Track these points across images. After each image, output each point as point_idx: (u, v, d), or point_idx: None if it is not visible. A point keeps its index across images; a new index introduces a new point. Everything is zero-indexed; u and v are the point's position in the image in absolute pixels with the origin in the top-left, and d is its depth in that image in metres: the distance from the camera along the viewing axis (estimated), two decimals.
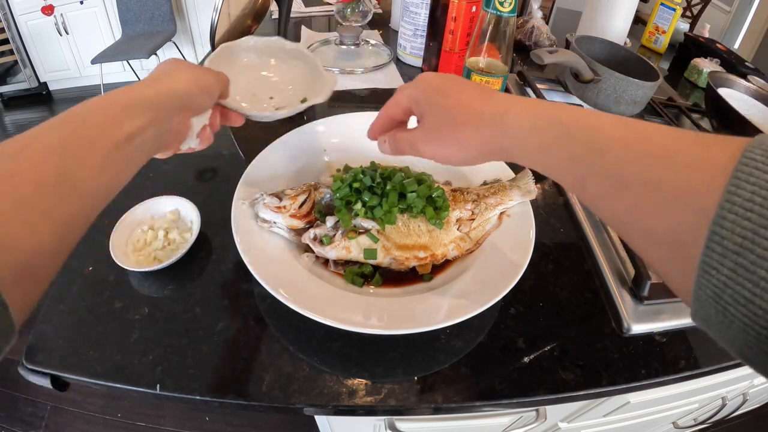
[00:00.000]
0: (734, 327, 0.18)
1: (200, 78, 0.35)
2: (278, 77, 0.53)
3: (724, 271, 0.18)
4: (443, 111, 0.32)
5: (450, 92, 0.33)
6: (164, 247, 0.49)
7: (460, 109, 0.32)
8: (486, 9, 0.60)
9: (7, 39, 2.66)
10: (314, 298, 0.40)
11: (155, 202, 0.52)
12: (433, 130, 0.33)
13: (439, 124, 0.33)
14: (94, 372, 0.38)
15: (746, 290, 0.17)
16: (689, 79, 1.02)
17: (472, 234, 0.48)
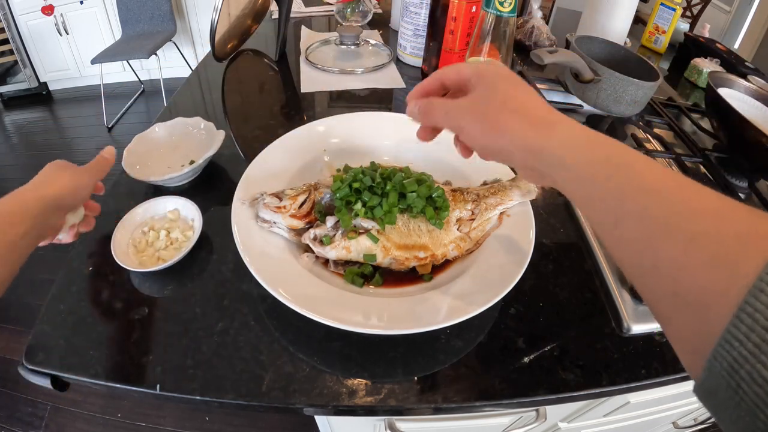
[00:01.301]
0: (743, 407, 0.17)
1: (76, 180, 0.41)
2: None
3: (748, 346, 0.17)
4: (500, 93, 0.31)
5: (514, 83, 0.31)
6: (167, 246, 0.49)
7: (516, 99, 0.30)
8: (486, 9, 0.60)
9: (7, 39, 2.66)
10: (314, 298, 0.40)
11: (154, 203, 0.52)
12: (480, 103, 0.31)
13: (489, 100, 0.31)
14: (94, 372, 0.38)
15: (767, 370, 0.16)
16: (689, 79, 1.02)
17: (472, 234, 0.48)
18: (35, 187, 0.38)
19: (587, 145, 0.27)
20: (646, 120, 0.78)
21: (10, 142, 2.58)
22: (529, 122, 0.29)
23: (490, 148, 0.32)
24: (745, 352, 0.17)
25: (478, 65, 0.33)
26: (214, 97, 0.83)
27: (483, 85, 0.32)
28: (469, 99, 0.32)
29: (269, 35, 1.05)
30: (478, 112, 0.31)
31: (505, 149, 0.31)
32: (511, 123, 0.30)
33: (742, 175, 0.68)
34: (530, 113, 0.30)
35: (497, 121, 0.30)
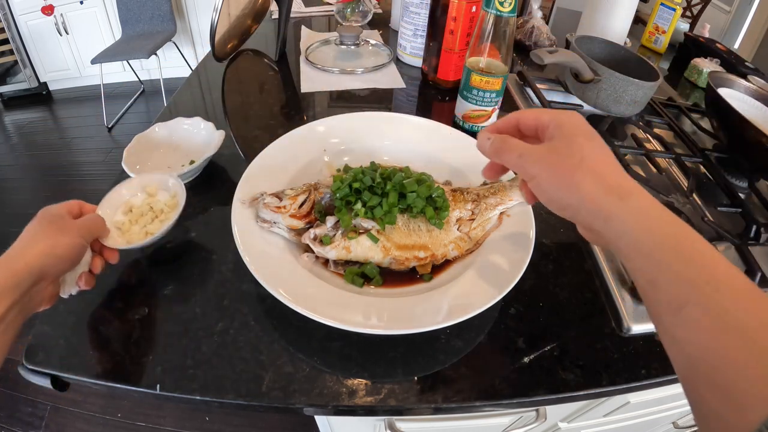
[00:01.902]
0: None
1: (57, 246, 0.36)
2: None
3: None
4: (577, 149, 0.30)
5: (592, 140, 0.31)
6: (153, 220, 0.48)
7: (593, 158, 0.30)
8: (486, 9, 0.60)
9: (7, 39, 2.66)
10: (314, 298, 0.40)
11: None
12: (557, 155, 0.31)
13: (566, 154, 0.30)
14: (94, 372, 0.38)
15: None
16: (689, 79, 1.02)
17: (472, 234, 0.48)
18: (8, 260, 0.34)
19: (659, 224, 0.27)
20: (646, 120, 0.78)
21: (10, 142, 2.58)
22: (604, 186, 0.29)
23: (558, 202, 0.31)
24: None
25: (559, 114, 0.33)
26: (214, 97, 0.83)
27: (561, 136, 0.31)
28: (545, 147, 0.32)
29: (269, 35, 1.05)
30: (553, 164, 0.31)
31: (573, 206, 0.30)
32: (585, 183, 0.29)
33: (742, 175, 0.68)
34: (606, 177, 0.29)
35: (571, 178, 0.30)
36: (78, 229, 0.38)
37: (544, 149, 0.32)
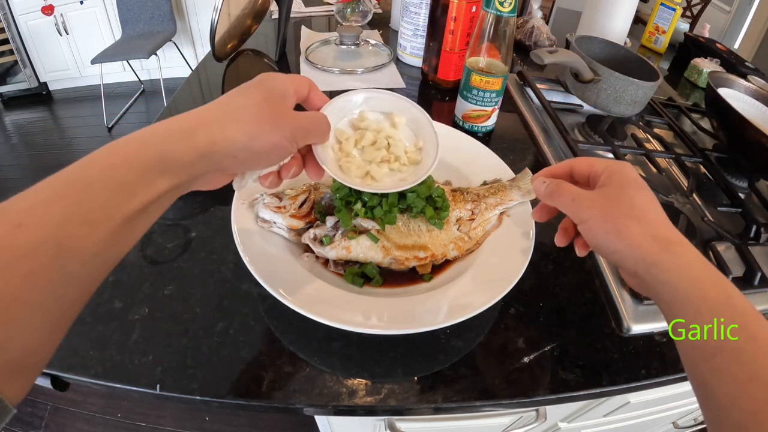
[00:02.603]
0: None
1: (258, 139, 0.28)
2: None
3: None
4: (627, 198, 0.32)
5: (642, 190, 0.33)
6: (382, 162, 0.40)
7: (642, 208, 0.32)
8: (486, 9, 0.60)
9: (7, 39, 2.66)
10: (314, 298, 0.40)
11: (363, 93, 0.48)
12: (607, 202, 0.32)
13: (616, 202, 0.32)
14: (94, 372, 0.38)
15: None
16: (689, 79, 1.02)
17: (472, 234, 0.48)
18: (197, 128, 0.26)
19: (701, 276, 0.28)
20: (646, 120, 0.78)
21: (10, 142, 2.58)
22: (650, 235, 0.30)
23: (606, 247, 0.32)
24: None
25: (611, 164, 0.35)
26: (214, 97, 0.82)
27: (613, 185, 0.33)
28: (597, 193, 0.33)
29: (269, 35, 1.05)
30: (604, 210, 0.32)
31: (620, 252, 0.31)
32: (632, 230, 0.31)
33: (742, 175, 0.68)
34: (653, 226, 0.31)
35: (621, 225, 0.31)
36: (294, 128, 0.30)
37: (596, 195, 0.33)
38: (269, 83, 0.30)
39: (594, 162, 0.36)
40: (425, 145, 0.41)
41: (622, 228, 0.31)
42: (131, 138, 0.25)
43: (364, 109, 0.39)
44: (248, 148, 0.28)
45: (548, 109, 0.74)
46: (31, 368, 0.20)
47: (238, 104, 0.28)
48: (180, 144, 0.25)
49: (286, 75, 0.32)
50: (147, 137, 0.25)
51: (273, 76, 0.31)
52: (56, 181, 0.22)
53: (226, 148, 0.27)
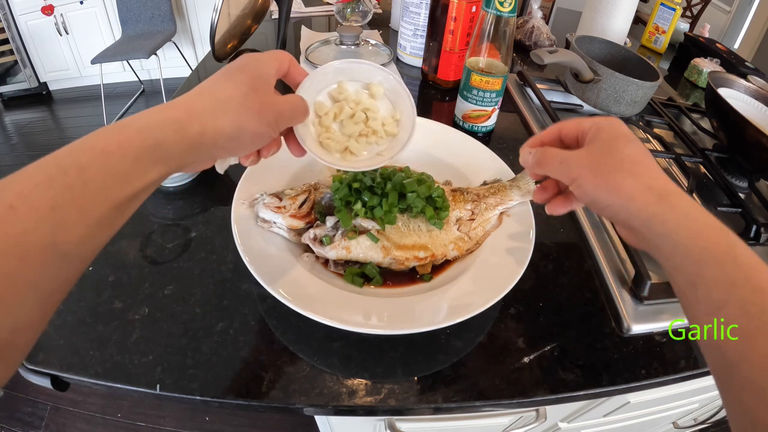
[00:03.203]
0: None
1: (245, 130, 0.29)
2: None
3: None
4: (617, 151, 0.31)
5: (631, 143, 0.32)
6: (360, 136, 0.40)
7: (633, 160, 0.31)
8: (486, 9, 0.60)
9: (7, 39, 2.66)
10: (314, 298, 0.40)
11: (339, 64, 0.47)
12: (597, 158, 0.32)
13: (606, 156, 0.31)
14: (94, 372, 0.38)
15: None
16: (689, 79, 1.02)
17: (472, 234, 0.48)
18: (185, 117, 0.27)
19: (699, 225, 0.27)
20: (646, 120, 0.78)
21: (10, 142, 2.58)
22: (644, 186, 0.29)
23: (599, 202, 0.32)
24: None
25: (598, 119, 0.34)
26: None
27: (601, 140, 0.32)
28: (585, 151, 0.33)
29: (269, 35, 1.05)
30: (594, 167, 0.31)
31: (613, 206, 0.31)
32: (625, 183, 0.30)
33: (742, 175, 0.68)
34: (646, 177, 0.30)
35: (612, 179, 0.30)
36: (275, 115, 0.31)
37: (584, 152, 0.32)
38: (254, 69, 0.31)
39: (581, 121, 0.34)
40: (402, 117, 0.41)
41: (614, 181, 0.30)
42: (124, 124, 0.25)
43: (342, 80, 0.39)
44: (235, 138, 0.29)
45: (548, 109, 0.74)
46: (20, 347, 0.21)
47: (227, 94, 0.29)
48: (173, 135, 0.26)
49: (268, 54, 0.33)
50: (140, 125, 0.25)
51: (256, 58, 0.31)
52: (49, 164, 0.22)
53: (215, 139, 0.28)
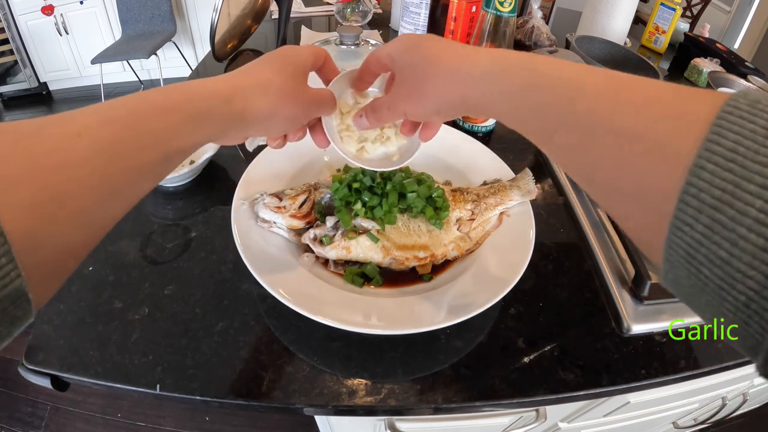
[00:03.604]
0: (708, 291, 0.17)
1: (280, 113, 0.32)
2: None
3: (698, 228, 0.16)
4: (414, 66, 0.32)
5: (423, 48, 0.32)
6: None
7: (429, 62, 0.31)
8: (486, 9, 0.60)
9: (7, 39, 2.65)
10: (314, 298, 0.40)
11: None
12: (406, 85, 0.33)
13: (410, 78, 0.32)
14: (94, 372, 0.38)
15: (723, 250, 0.16)
16: (689, 79, 1.02)
17: (472, 234, 0.48)
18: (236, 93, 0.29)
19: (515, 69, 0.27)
20: None
21: None
22: (448, 76, 0.30)
23: (426, 114, 0.33)
24: (698, 235, 0.16)
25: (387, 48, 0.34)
26: None
27: (399, 67, 0.33)
28: (395, 87, 0.34)
29: (269, 35, 1.05)
30: (408, 94, 0.33)
31: (435, 109, 0.32)
32: (433, 88, 0.31)
33: None
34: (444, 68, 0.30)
35: (424, 93, 0.32)
36: (308, 103, 0.34)
37: (396, 88, 0.34)
38: (293, 57, 0.34)
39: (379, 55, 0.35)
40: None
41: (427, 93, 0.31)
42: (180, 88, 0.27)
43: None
44: (271, 117, 0.32)
45: None
46: (60, 272, 0.21)
47: (267, 77, 0.31)
48: (220, 106, 0.28)
49: (307, 47, 0.36)
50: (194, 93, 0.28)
51: (295, 50, 0.34)
52: (112, 106, 0.24)
53: (255, 115, 0.30)
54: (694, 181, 0.16)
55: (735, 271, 0.15)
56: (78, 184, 0.21)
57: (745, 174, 0.15)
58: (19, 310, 0.18)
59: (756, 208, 0.15)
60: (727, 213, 0.15)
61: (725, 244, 0.16)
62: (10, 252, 0.17)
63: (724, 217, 0.15)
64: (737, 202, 0.15)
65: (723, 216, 0.16)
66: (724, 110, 0.17)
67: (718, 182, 0.16)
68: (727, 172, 0.16)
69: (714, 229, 0.16)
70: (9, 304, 0.17)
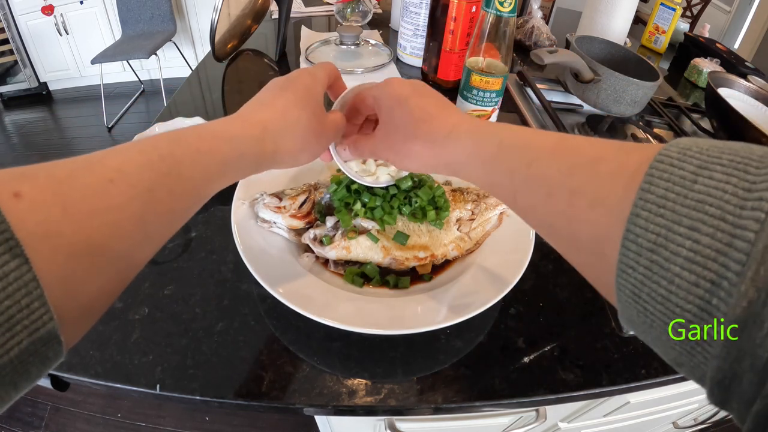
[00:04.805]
0: (655, 327, 0.18)
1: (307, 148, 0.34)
2: None
3: (639, 270, 0.18)
4: (400, 123, 0.34)
5: (410, 105, 0.33)
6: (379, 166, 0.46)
7: (415, 125, 0.33)
8: (486, 9, 0.60)
9: (7, 39, 2.66)
10: (314, 298, 0.40)
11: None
12: (390, 139, 0.35)
13: (394, 134, 0.34)
14: (94, 372, 0.38)
15: (662, 288, 0.17)
16: (689, 79, 1.02)
17: (472, 234, 0.48)
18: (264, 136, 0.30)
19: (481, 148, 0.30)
20: (646, 120, 0.78)
21: (10, 142, 2.58)
22: (431, 143, 0.32)
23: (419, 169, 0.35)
24: (640, 276, 0.18)
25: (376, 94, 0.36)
26: (214, 97, 0.83)
27: (384, 116, 0.35)
28: (380, 136, 0.36)
29: (269, 35, 1.05)
30: (391, 148, 0.35)
31: (420, 169, 0.35)
32: (417, 151, 0.33)
33: None
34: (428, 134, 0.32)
35: (409, 152, 0.34)
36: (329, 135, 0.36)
37: (380, 137, 0.36)
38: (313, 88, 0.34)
39: (365, 96, 0.37)
40: None
41: (412, 153, 0.33)
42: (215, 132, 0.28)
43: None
44: (300, 154, 0.34)
45: (548, 109, 0.74)
46: (92, 314, 0.21)
47: (295, 116, 0.32)
48: (253, 149, 0.29)
49: (322, 71, 0.37)
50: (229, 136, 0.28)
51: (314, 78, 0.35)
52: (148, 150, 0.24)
53: (285, 155, 0.32)
54: (632, 227, 0.18)
55: (674, 306, 0.17)
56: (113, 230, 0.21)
57: (674, 218, 0.17)
58: (50, 351, 0.18)
59: (686, 247, 0.16)
60: (662, 254, 0.17)
61: (663, 282, 0.17)
62: (43, 296, 0.17)
63: (660, 258, 0.17)
64: (670, 243, 0.17)
65: (659, 257, 0.17)
66: (657, 159, 0.18)
67: (653, 227, 0.17)
68: (659, 217, 0.17)
69: (653, 269, 0.17)
70: (41, 345, 0.17)
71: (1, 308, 0.16)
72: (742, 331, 0.15)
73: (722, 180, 0.16)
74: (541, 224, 0.26)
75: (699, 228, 0.16)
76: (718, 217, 0.16)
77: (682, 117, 0.83)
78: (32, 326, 0.17)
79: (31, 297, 0.17)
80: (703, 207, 0.16)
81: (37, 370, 0.18)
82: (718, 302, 0.15)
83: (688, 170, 0.17)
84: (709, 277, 0.16)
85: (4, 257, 0.16)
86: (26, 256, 0.16)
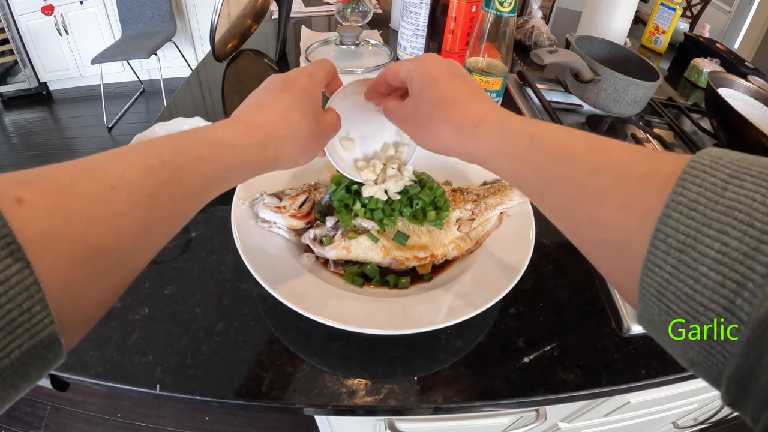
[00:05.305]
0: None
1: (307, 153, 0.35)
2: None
3: (666, 268, 0.18)
4: (429, 102, 0.33)
5: (442, 87, 0.33)
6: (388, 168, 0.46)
7: (444, 107, 0.33)
8: (486, 9, 0.60)
9: (7, 39, 2.66)
10: (314, 298, 0.40)
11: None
12: (418, 115, 0.35)
13: (423, 111, 0.34)
14: (94, 372, 0.38)
15: (688, 287, 0.18)
16: (689, 79, 1.02)
17: (472, 234, 0.48)
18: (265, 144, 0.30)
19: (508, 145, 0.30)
20: (646, 120, 0.78)
21: (10, 142, 2.58)
22: (459, 129, 0.32)
23: (439, 151, 0.35)
24: (666, 275, 0.18)
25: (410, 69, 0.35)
26: (214, 97, 0.83)
27: (415, 92, 0.35)
28: (407, 107, 0.36)
29: (269, 35, 1.05)
30: (414, 121, 0.35)
31: (441, 151, 0.35)
32: (442, 133, 0.33)
33: None
34: (457, 120, 0.32)
35: (432, 132, 0.34)
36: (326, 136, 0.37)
37: (407, 107, 0.36)
38: (312, 90, 0.35)
39: (398, 70, 0.36)
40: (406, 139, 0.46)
41: (434, 133, 0.34)
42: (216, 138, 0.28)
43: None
44: (297, 160, 0.34)
45: (548, 109, 0.74)
46: (92, 317, 0.22)
47: (296, 121, 0.33)
48: (254, 156, 0.30)
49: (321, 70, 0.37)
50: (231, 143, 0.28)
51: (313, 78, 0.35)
52: (150, 156, 0.24)
53: (285, 160, 0.33)
54: (662, 227, 0.19)
55: (698, 305, 0.17)
56: (115, 237, 0.21)
57: (705, 221, 0.17)
58: (51, 353, 0.18)
59: (714, 249, 0.17)
60: (690, 254, 0.18)
61: (689, 281, 0.18)
62: (44, 300, 0.17)
63: (688, 258, 0.18)
64: (699, 244, 0.17)
65: (687, 257, 0.18)
66: (689, 166, 0.19)
67: (683, 228, 0.18)
68: (690, 219, 0.18)
69: (679, 268, 0.18)
70: (42, 348, 0.18)
71: (3, 311, 0.16)
72: (765, 331, 0.15)
73: (752, 189, 0.17)
74: (567, 223, 0.26)
75: (728, 232, 0.17)
76: (747, 223, 0.16)
77: (682, 117, 0.83)
78: (33, 329, 0.17)
79: (33, 300, 0.17)
80: (733, 213, 0.17)
81: (38, 372, 0.18)
82: (742, 302, 0.16)
83: (720, 178, 0.18)
84: (735, 278, 0.16)
85: (6, 261, 0.16)
86: (28, 260, 0.17)
